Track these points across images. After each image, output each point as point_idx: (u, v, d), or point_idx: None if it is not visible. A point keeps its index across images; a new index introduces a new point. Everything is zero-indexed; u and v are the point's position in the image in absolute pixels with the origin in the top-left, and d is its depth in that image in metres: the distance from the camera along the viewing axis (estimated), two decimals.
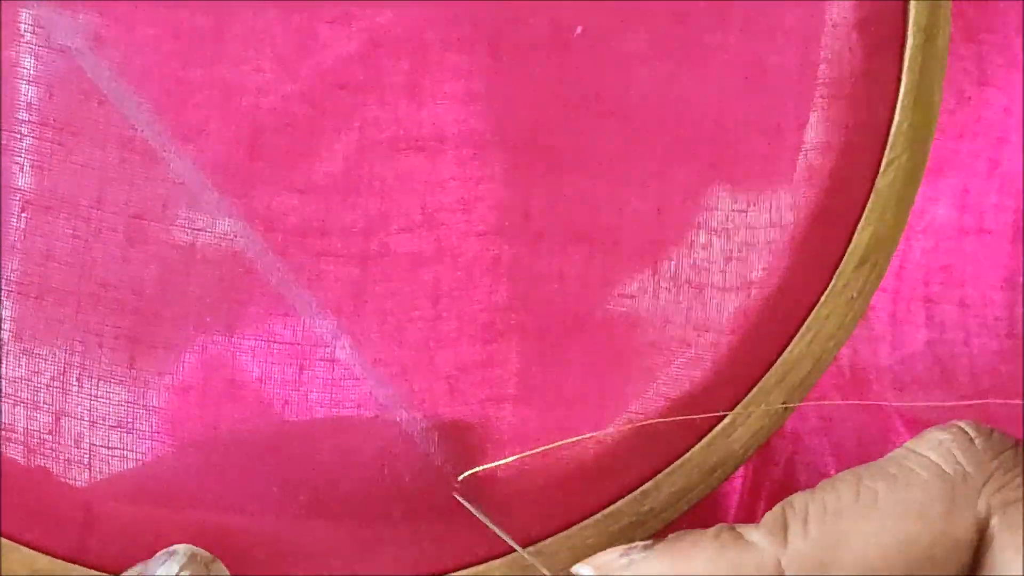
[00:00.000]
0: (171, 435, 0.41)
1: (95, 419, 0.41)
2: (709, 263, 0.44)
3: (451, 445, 0.43)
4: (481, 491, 0.43)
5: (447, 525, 0.42)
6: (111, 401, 0.41)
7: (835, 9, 0.43)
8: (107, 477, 0.41)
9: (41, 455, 0.41)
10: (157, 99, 0.41)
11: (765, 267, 0.44)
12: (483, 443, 0.43)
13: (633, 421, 0.43)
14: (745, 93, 0.43)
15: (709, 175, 0.43)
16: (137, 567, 0.40)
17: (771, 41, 0.43)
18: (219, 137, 0.41)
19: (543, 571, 0.42)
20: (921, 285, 0.50)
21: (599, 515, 0.43)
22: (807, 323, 0.44)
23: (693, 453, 0.43)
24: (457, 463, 0.42)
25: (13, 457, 0.41)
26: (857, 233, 0.44)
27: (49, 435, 0.41)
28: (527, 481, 0.43)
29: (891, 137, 0.44)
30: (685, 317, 0.44)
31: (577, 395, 0.43)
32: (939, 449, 0.38)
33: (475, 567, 0.42)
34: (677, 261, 0.44)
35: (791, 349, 0.44)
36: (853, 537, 0.37)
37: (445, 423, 0.42)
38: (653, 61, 0.43)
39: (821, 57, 0.43)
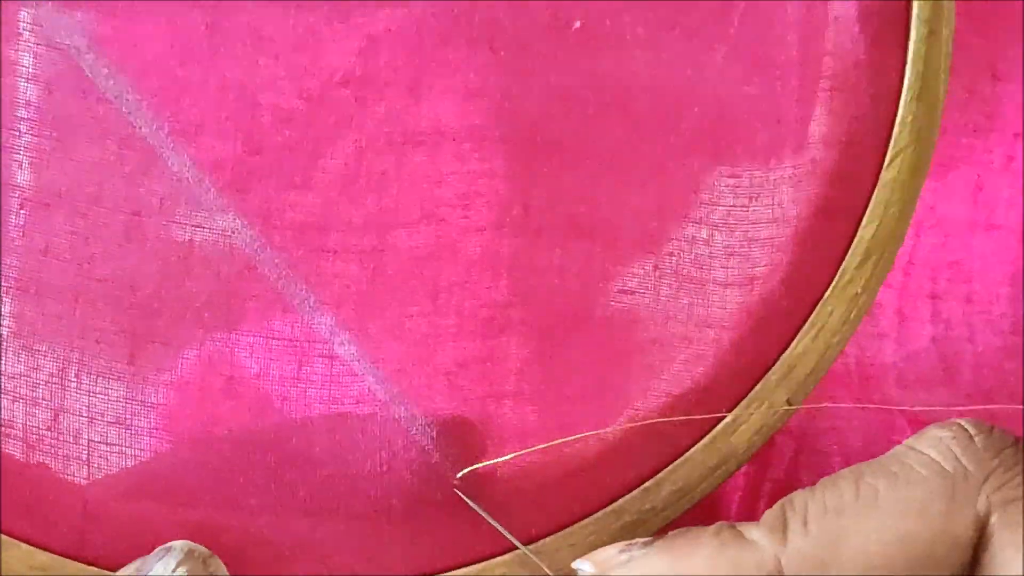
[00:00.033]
0: (170, 431, 0.41)
1: (94, 415, 0.41)
2: (711, 258, 0.43)
3: (451, 442, 0.42)
4: (481, 488, 0.42)
5: (447, 522, 0.42)
6: (110, 397, 0.41)
7: (838, 2, 0.43)
8: (106, 473, 0.41)
9: (40, 451, 0.41)
10: (155, 96, 0.41)
11: (768, 262, 0.43)
12: (483, 440, 0.42)
13: (635, 419, 0.43)
14: (747, 87, 0.43)
15: (711, 169, 0.43)
16: (135, 563, 0.40)
17: (774, 34, 0.43)
18: (217, 134, 0.41)
19: (544, 569, 0.42)
20: (928, 281, 0.49)
21: (600, 513, 0.43)
22: (811, 319, 0.43)
23: (695, 451, 0.43)
24: (457, 460, 0.42)
25: (12, 453, 0.41)
26: (861, 228, 0.43)
27: (48, 431, 0.41)
28: (528, 478, 0.43)
29: (896, 130, 0.43)
30: (687, 313, 0.43)
31: (578, 391, 0.43)
32: (939, 447, 0.38)
33: (475, 565, 0.42)
34: (679, 256, 0.43)
35: (795, 345, 0.43)
36: (853, 535, 0.37)
37: (445, 420, 0.42)
38: (654, 55, 0.42)
39: (825, 50, 0.43)
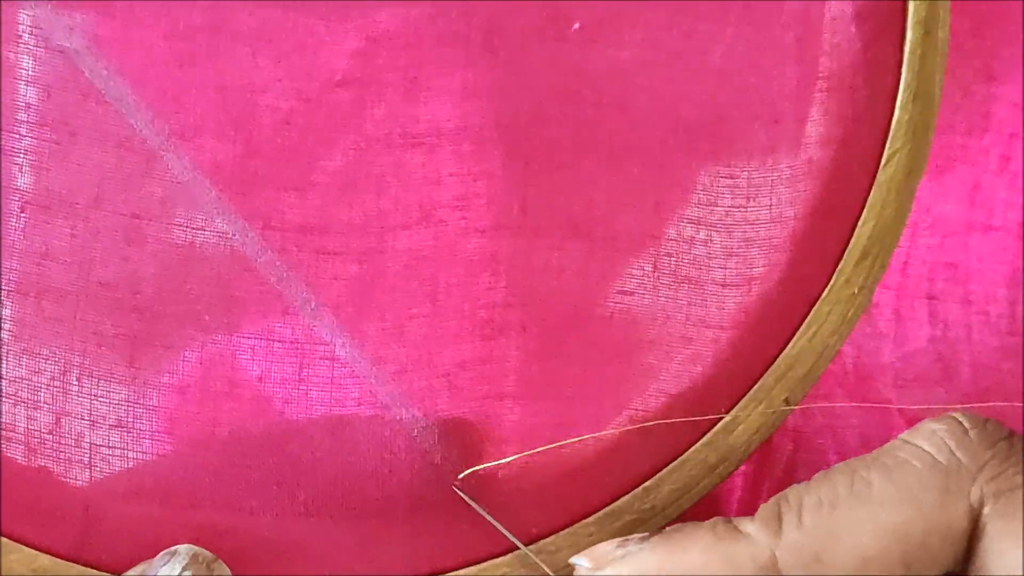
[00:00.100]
0: (171, 434, 0.41)
1: (95, 418, 0.41)
2: (709, 259, 0.44)
3: (451, 442, 0.42)
4: (482, 489, 0.42)
5: (448, 523, 0.42)
6: (111, 400, 0.41)
7: (835, 3, 0.43)
8: (107, 476, 0.41)
9: (41, 455, 0.41)
10: (155, 98, 0.41)
11: (766, 262, 0.44)
12: (483, 440, 0.43)
13: (634, 419, 0.43)
14: (744, 87, 0.43)
15: (709, 169, 0.43)
16: (139, 567, 0.40)
17: (770, 34, 0.43)
18: (217, 136, 0.41)
19: (544, 569, 0.42)
20: (925, 282, 0.49)
21: (600, 512, 0.43)
22: (808, 319, 0.43)
23: (694, 451, 0.43)
24: (457, 460, 0.42)
25: (13, 457, 0.41)
26: (858, 228, 0.43)
27: (49, 434, 0.41)
28: (528, 479, 0.43)
29: (892, 130, 0.43)
30: (685, 313, 0.44)
31: (577, 392, 0.43)
32: (933, 439, 0.38)
33: (476, 565, 0.42)
34: (677, 257, 0.43)
35: (792, 345, 0.43)
36: (847, 527, 0.37)
37: (445, 420, 0.42)
38: (651, 55, 0.43)
39: (821, 51, 0.43)
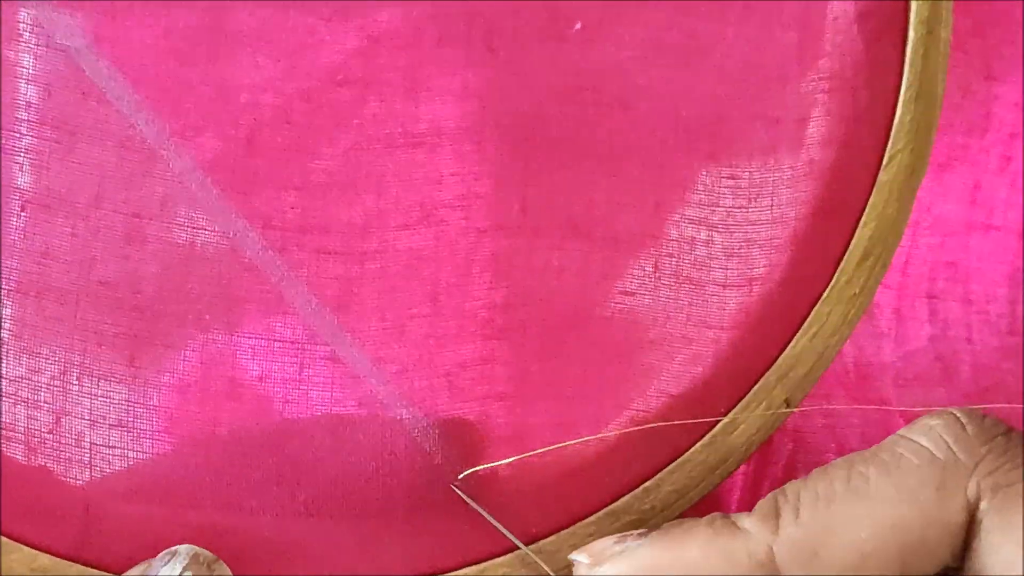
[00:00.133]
0: (171, 434, 0.41)
1: (95, 418, 0.41)
2: (710, 259, 0.44)
3: (451, 442, 0.42)
4: (482, 489, 0.42)
5: (448, 523, 0.42)
6: (111, 400, 0.41)
7: (837, 3, 0.43)
8: (107, 476, 0.41)
9: (42, 454, 0.41)
10: (155, 97, 0.41)
11: (767, 263, 0.44)
12: (483, 440, 0.43)
13: (635, 419, 0.43)
14: (745, 87, 0.43)
15: (710, 170, 0.43)
16: (139, 567, 0.40)
17: (771, 34, 0.43)
18: (218, 135, 0.41)
19: (545, 569, 0.42)
20: (926, 281, 0.49)
21: (601, 513, 0.43)
22: (809, 319, 0.43)
23: (694, 451, 0.43)
24: (457, 460, 0.42)
25: (13, 456, 0.41)
26: (859, 228, 0.43)
27: (49, 434, 0.41)
28: (528, 479, 0.43)
29: (893, 131, 0.43)
30: (686, 313, 0.44)
31: (577, 392, 0.43)
32: (930, 435, 0.38)
33: (476, 565, 0.42)
34: (678, 257, 0.43)
35: (793, 345, 0.43)
36: (844, 522, 0.37)
37: (445, 421, 0.42)
38: (651, 55, 0.43)
39: (822, 51, 0.43)
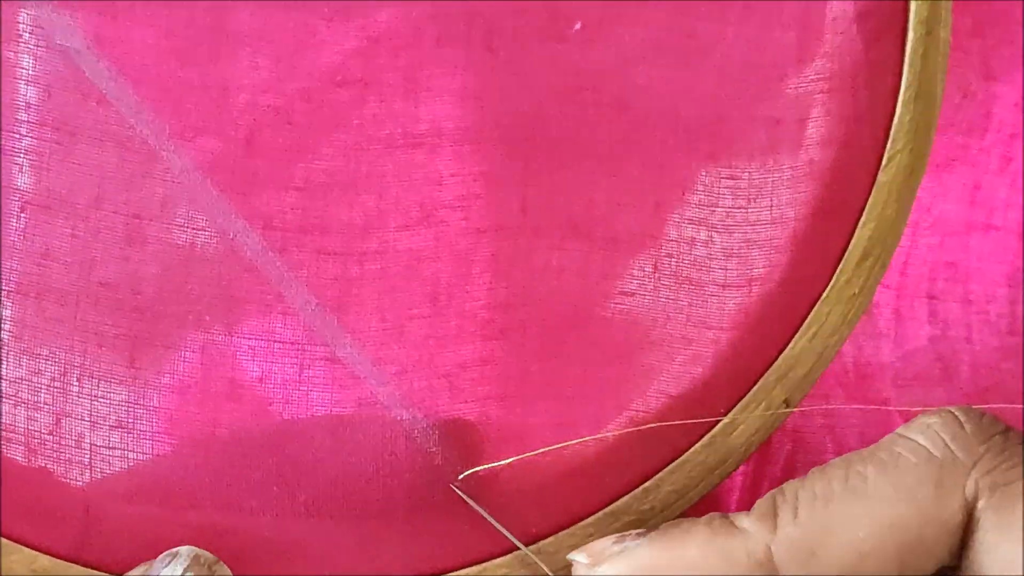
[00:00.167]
0: (171, 435, 0.41)
1: (95, 419, 0.41)
2: (710, 259, 0.44)
3: (451, 443, 0.42)
4: (482, 489, 0.42)
5: (448, 524, 0.42)
6: (111, 401, 0.41)
7: (836, 3, 0.43)
8: (107, 477, 0.41)
9: (42, 455, 0.41)
10: (155, 98, 0.41)
11: (766, 263, 0.44)
12: (483, 441, 0.43)
13: (635, 420, 0.43)
14: (745, 87, 0.43)
15: (709, 170, 0.43)
16: (140, 568, 0.40)
17: (771, 34, 0.43)
18: (217, 135, 0.41)
19: (544, 569, 0.42)
20: (926, 281, 0.49)
21: (600, 513, 0.43)
22: (809, 319, 0.43)
23: (694, 451, 0.43)
24: (457, 461, 0.42)
25: (14, 457, 0.41)
26: (859, 228, 0.43)
27: (49, 435, 0.41)
28: (528, 479, 0.43)
29: (893, 131, 0.43)
30: (686, 314, 0.44)
31: (577, 392, 0.43)
32: (928, 433, 0.38)
33: (476, 565, 0.42)
34: (678, 257, 0.43)
35: (793, 345, 0.43)
36: (842, 521, 0.37)
37: (445, 421, 0.42)
38: (651, 55, 0.43)
39: (822, 50, 0.43)
